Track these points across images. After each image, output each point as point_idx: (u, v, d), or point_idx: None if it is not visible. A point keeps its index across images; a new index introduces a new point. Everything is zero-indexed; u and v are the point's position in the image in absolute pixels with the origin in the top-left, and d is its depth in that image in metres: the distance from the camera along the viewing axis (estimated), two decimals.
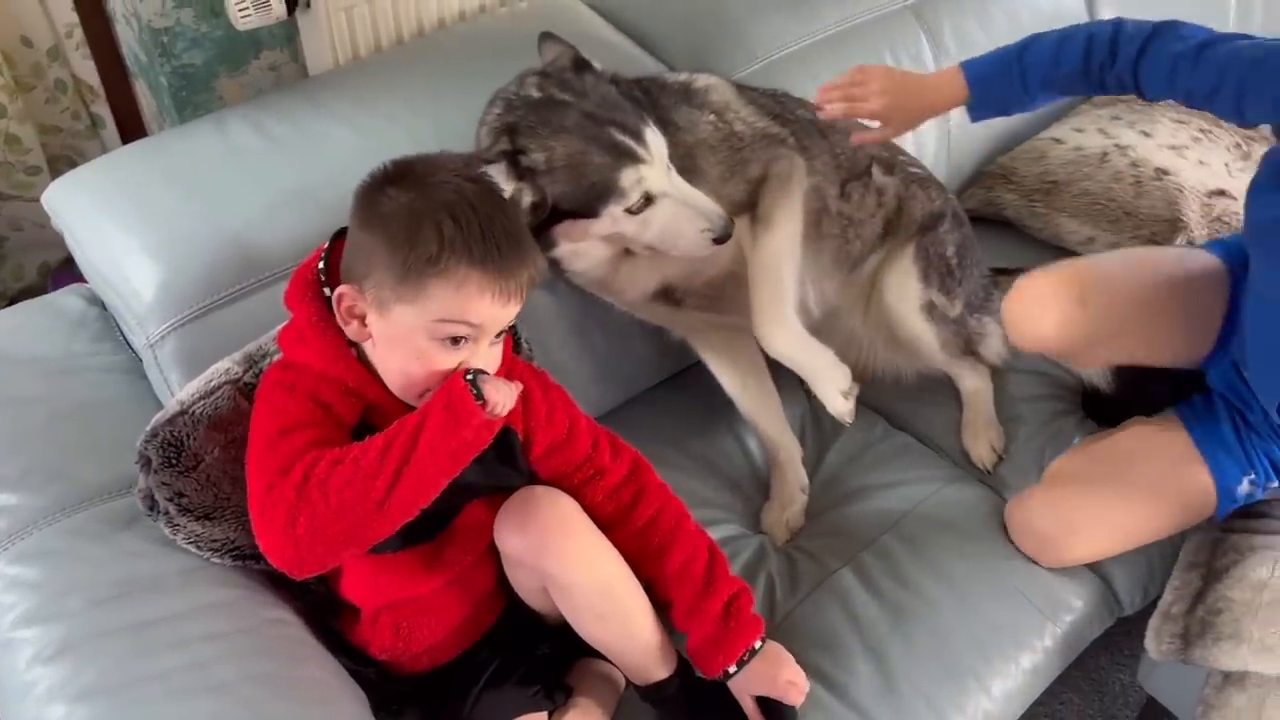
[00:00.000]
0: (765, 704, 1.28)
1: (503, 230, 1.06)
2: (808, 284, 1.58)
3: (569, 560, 1.19)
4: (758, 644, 1.27)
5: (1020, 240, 2.06)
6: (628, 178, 1.30)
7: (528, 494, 1.21)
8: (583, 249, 1.37)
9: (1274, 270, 1.33)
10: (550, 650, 1.30)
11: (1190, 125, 2.10)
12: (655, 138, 1.34)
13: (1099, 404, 1.72)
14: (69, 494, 1.22)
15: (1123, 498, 1.50)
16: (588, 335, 1.61)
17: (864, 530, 1.56)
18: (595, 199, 1.30)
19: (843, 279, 1.66)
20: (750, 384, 1.64)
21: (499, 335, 1.12)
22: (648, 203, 1.32)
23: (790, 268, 1.48)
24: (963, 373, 1.74)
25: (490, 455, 1.09)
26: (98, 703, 1.04)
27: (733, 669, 1.26)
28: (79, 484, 1.23)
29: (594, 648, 1.27)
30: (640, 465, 1.30)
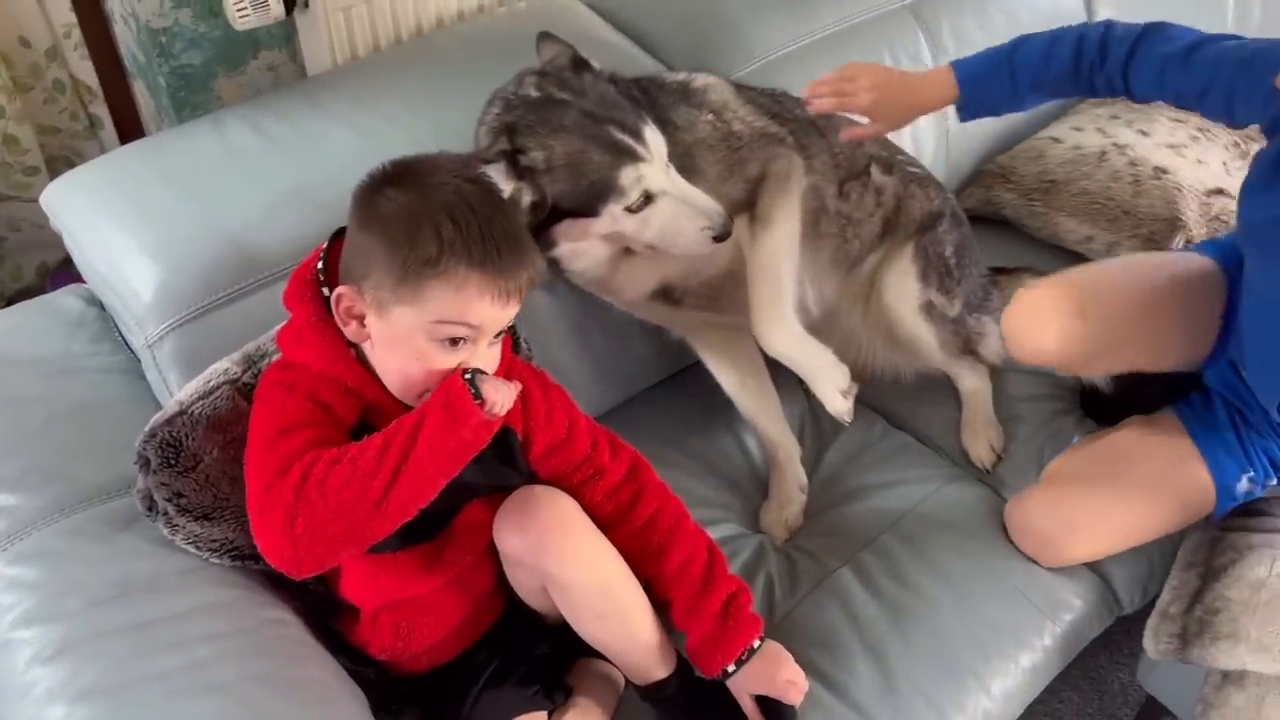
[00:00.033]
0: (764, 703, 1.28)
1: (502, 231, 1.06)
2: (806, 283, 1.58)
3: (568, 560, 1.19)
4: (757, 643, 1.27)
5: (1019, 239, 2.06)
6: (627, 176, 1.30)
7: (527, 494, 1.21)
8: (583, 248, 1.37)
9: (1268, 269, 1.33)
10: (550, 650, 1.30)
11: (1188, 124, 2.10)
12: (654, 136, 1.33)
13: (1098, 403, 1.72)
14: (68, 494, 1.22)
15: (1122, 497, 1.50)
16: (587, 335, 1.61)
17: (863, 529, 1.56)
18: (595, 198, 1.30)
19: (841, 278, 1.66)
20: (749, 383, 1.64)
21: (498, 335, 1.12)
22: (647, 201, 1.32)
23: (789, 267, 1.47)
24: (962, 372, 1.74)
25: (489, 455, 1.09)
26: (97, 703, 1.04)
27: (732, 668, 1.26)
28: (78, 484, 1.23)
29: (593, 647, 1.27)
30: (639, 465, 1.30)
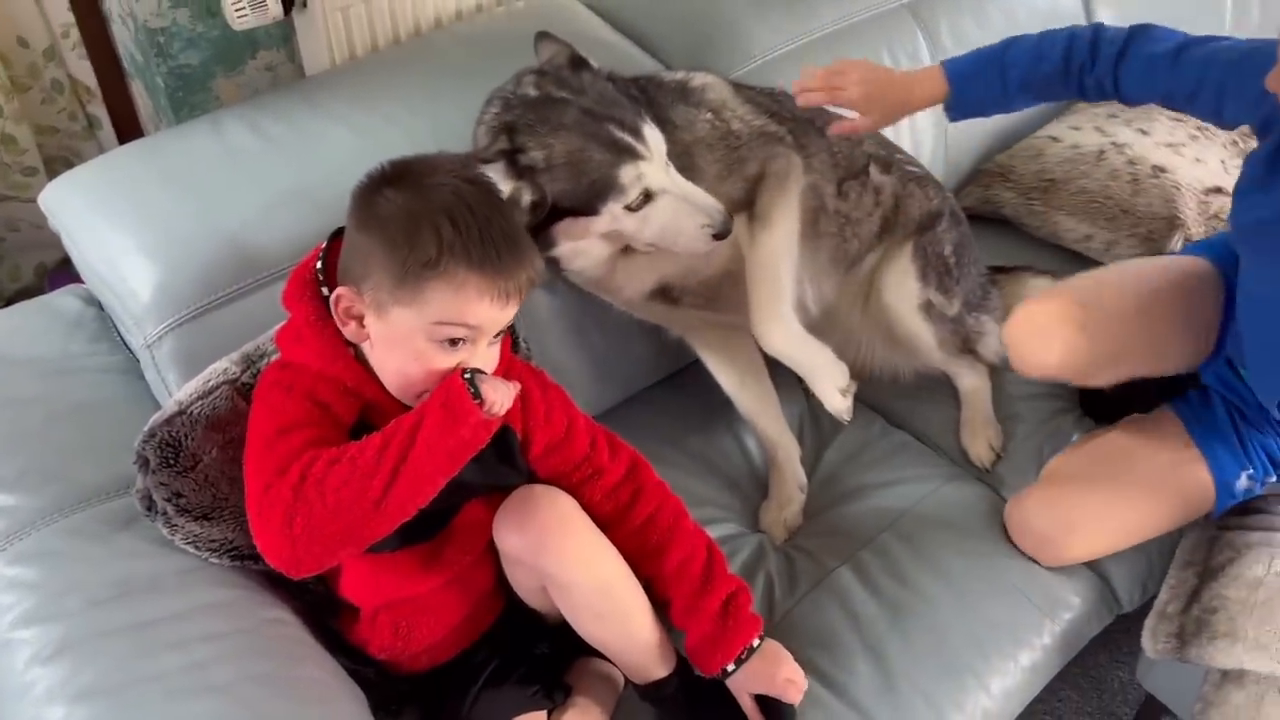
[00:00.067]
0: (764, 702, 1.28)
1: (501, 232, 1.06)
2: (805, 282, 1.58)
3: (568, 559, 1.19)
4: (756, 642, 1.27)
5: (1018, 238, 2.06)
6: (627, 174, 1.30)
7: (526, 493, 1.21)
8: (583, 247, 1.37)
9: (1263, 268, 1.34)
10: (549, 649, 1.30)
11: (1187, 123, 2.11)
12: (654, 134, 1.33)
13: (1097, 402, 1.72)
14: (67, 494, 1.21)
15: (1121, 495, 1.51)
16: (586, 334, 1.61)
17: (862, 529, 1.56)
18: (595, 196, 1.30)
19: (840, 277, 1.66)
20: (748, 382, 1.64)
21: (497, 335, 1.12)
22: (647, 199, 1.32)
23: (788, 266, 1.47)
24: (961, 371, 1.74)
25: (489, 454, 1.08)
26: (96, 703, 1.04)
27: (731, 667, 1.26)
28: (77, 484, 1.23)
29: (593, 647, 1.27)
30: (638, 464, 1.30)
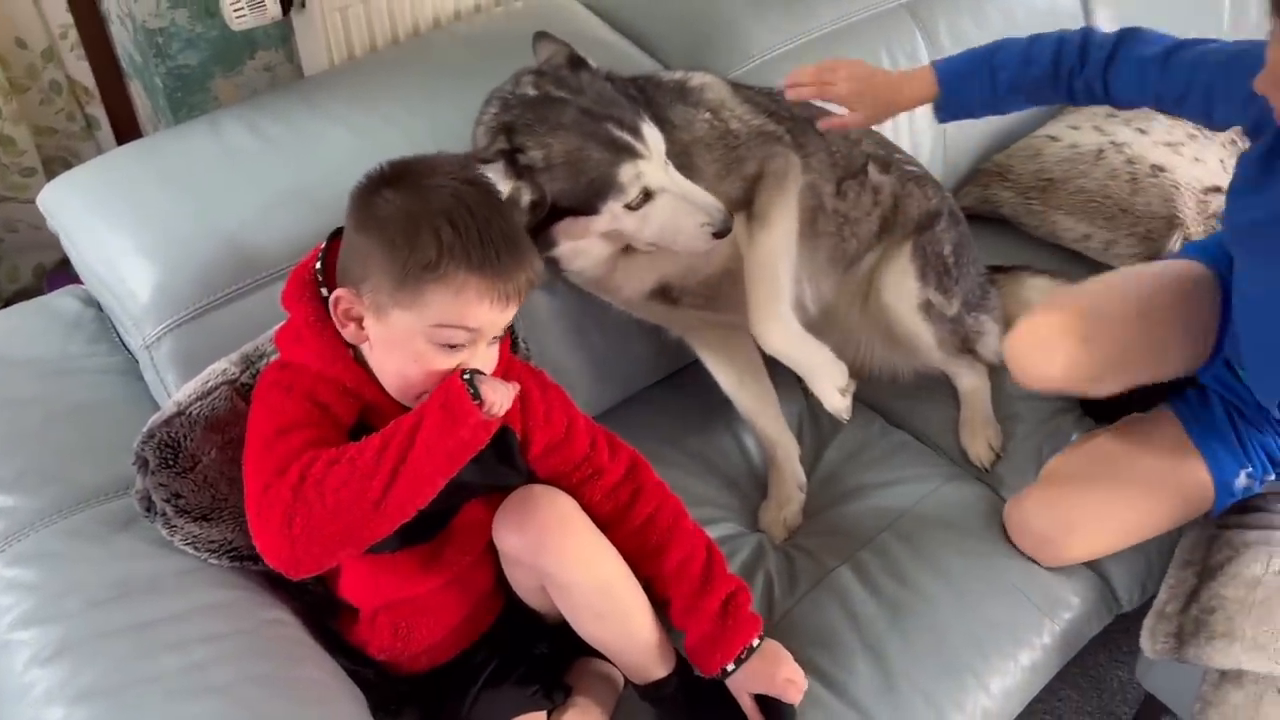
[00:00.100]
0: (764, 702, 1.28)
1: (500, 234, 1.06)
2: (804, 281, 1.58)
3: (567, 559, 1.19)
4: (756, 642, 1.27)
5: (1016, 238, 2.06)
6: (626, 173, 1.30)
7: (526, 493, 1.21)
8: (583, 247, 1.36)
9: (1258, 269, 1.34)
10: (549, 649, 1.30)
11: (1185, 122, 2.10)
12: (653, 133, 1.33)
13: (1096, 402, 1.72)
14: (66, 495, 1.21)
15: (1120, 496, 1.50)
16: (585, 334, 1.61)
17: (862, 528, 1.55)
18: (594, 195, 1.30)
19: (839, 277, 1.66)
20: (748, 382, 1.64)
21: (496, 336, 1.12)
22: (647, 198, 1.32)
23: (786, 265, 1.47)
24: (960, 371, 1.74)
25: (488, 455, 1.08)
26: (96, 704, 1.04)
27: (731, 667, 1.26)
28: (76, 485, 1.22)
29: (593, 647, 1.27)
30: (638, 464, 1.30)
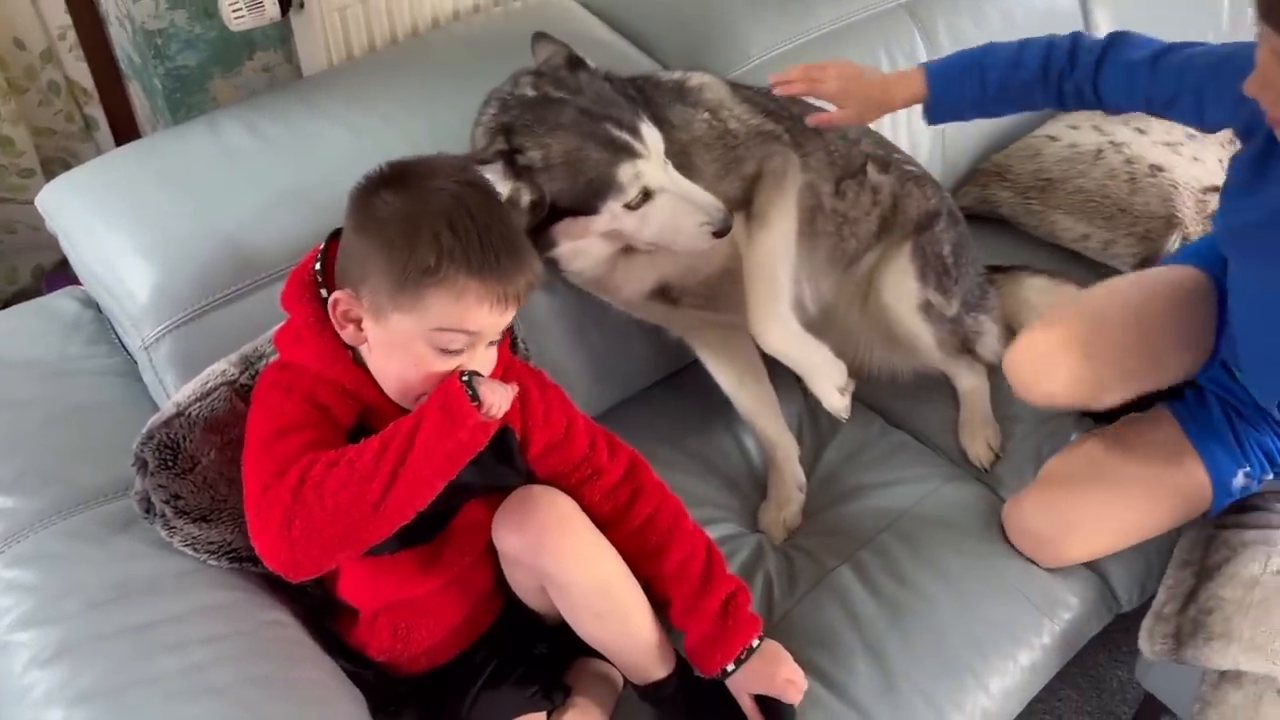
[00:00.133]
0: (764, 702, 1.28)
1: (500, 238, 1.06)
2: (803, 281, 1.58)
3: (567, 559, 1.19)
4: (755, 642, 1.27)
5: (1015, 238, 2.06)
6: (625, 173, 1.30)
7: (525, 493, 1.21)
8: (583, 247, 1.36)
9: (1254, 271, 1.34)
10: (548, 650, 1.30)
11: None
12: (651, 133, 1.33)
13: None
14: (65, 497, 1.21)
15: (1118, 496, 1.50)
16: (585, 334, 1.61)
17: (861, 529, 1.55)
18: (594, 195, 1.30)
19: (838, 276, 1.66)
20: (747, 382, 1.64)
21: (495, 339, 1.12)
22: (646, 198, 1.32)
23: (785, 264, 1.47)
24: (960, 372, 1.74)
25: (488, 455, 1.08)
26: (95, 705, 1.03)
27: (731, 667, 1.26)
28: (75, 487, 1.22)
29: (592, 647, 1.27)
30: (637, 464, 1.30)
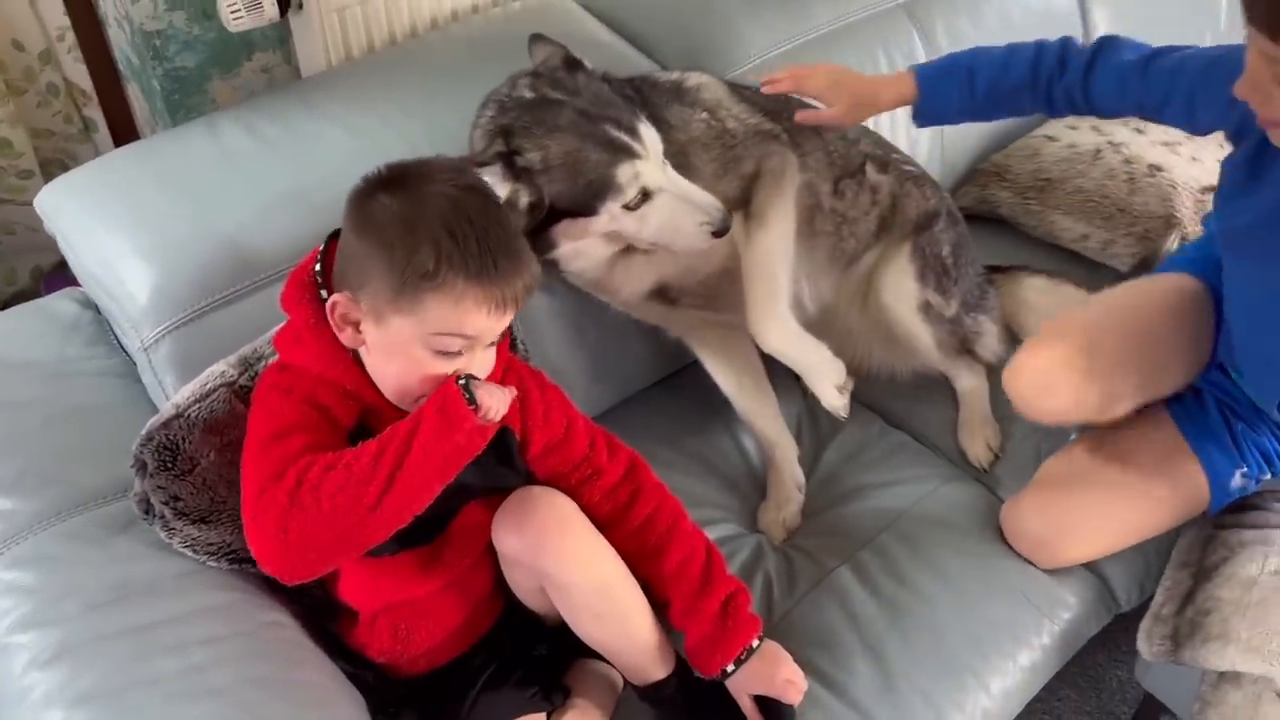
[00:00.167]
0: (764, 703, 1.28)
1: (498, 242, 1.05)
2: (802, 280, 1.58)
3: (566, 559, 1.19)
4: (755, 643, 1.27)
5: (1014, 238, 2.06)
6: (624, 173, 1.30)
7: (525, 494, 1.21)
8: (583, 248, 1.36)
9: (1253, 273, 1.33)
10: (548, 651, 1.30)
11: None
12: (650, 133, 1.33)
13: None
14: (64, 498, 1.21)
15: (1115, 498, 1.50)
16: (584, 335, 1.61)
17: (861, 529, 1.55)
18: (593, 196, 1.30)
19: (838, 276, 1.66)
20: (746, 383, 1.64)
21: (494, 340, 1.12)
22: (645, 198, 1.32)
23: (784, 263, 1.47)
24: (959, 372, 1.74)
25: (488, 456, 1.08)
26: (95, 707, 1.03)
27: (730, 668, 1.26)
28: (74, 488, 1.22)
29: (592, 648, 1.27)
30: (637, 465, 1.30)
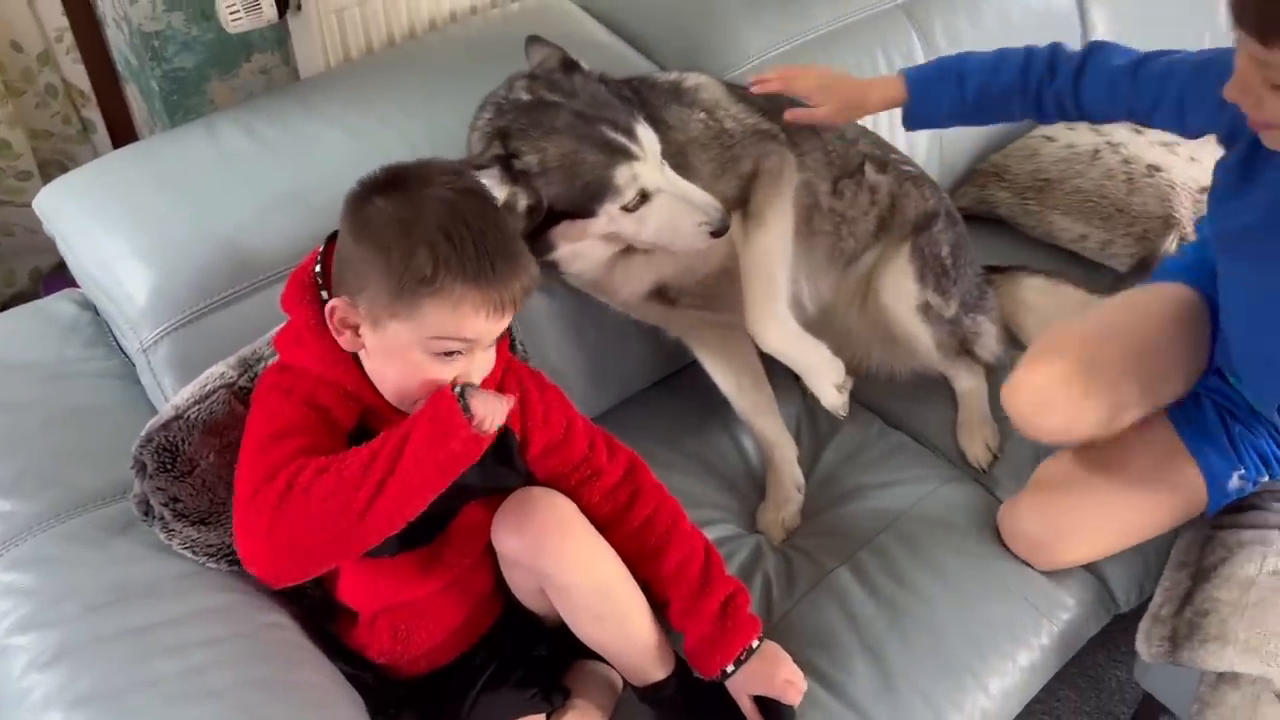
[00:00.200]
0: (763, 703, 1.28)
1: (495, 244, 1.05)
2: (801, 280, 1.58)
3: (566, 560, 1.19)
4: (755, 643, 1.27)
5: (1013, 238, 2.06)
6: (622, 175, 1.30)
7: (525, 495, 1.21)
8: (582, 249, 1.36)
9: (1250, 275, 1.33)
10: (548, 652, 1.30)
11: None
12: (647, 134, 1.33)
13: None
14: (63, 499, 1.21)
15: (1113, 500, 1.49)
16: (583, 336, 1.61)
17: (860, 529, 1.55)
18: (591, 198, 1.30)
19: (837, 275, 1.66)
20: (745, 383, 1.64)
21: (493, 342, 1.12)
22: (643, 199, 1.32)
23: (782, 263, 1.47)
24: (958, 373, 1.74)
25: (488, 457, 1.08)
26: (94, 708, 1.03)
27: (730, 668, 1.26)
28: (73, 489, 1.22)
29: (592, 649, 1.27)
30: (636, 465, 1.30)
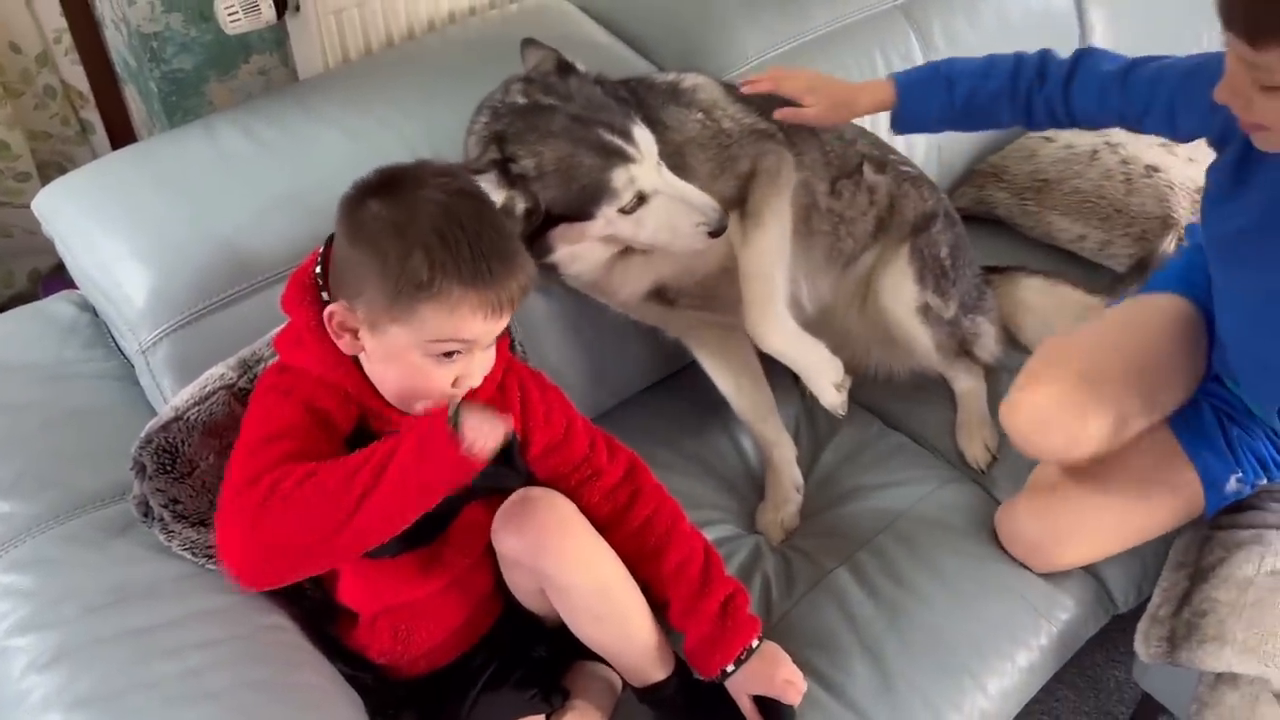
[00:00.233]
0: (763, 704, 1.28)
1: (492, 246, 1.05)
2: (800, 280, 1.58)
3: (566, 561, 1.19)
4: (754, 643, 1.27)
5: (1012, 238, 2.06)
6: (619, 177, 1.30)
7: (525, 495, 1.21)
8: (581, 251, 1.37)
9: (1247, 278, 1.33)
10: (547, 653, 1.30)
11: None
12: (644, 135, 1.33)
13: None
14: (63, 501, 1.21)
15: (1110, 502, 1.49)
16: (582, 337, 1.61)
17: (859, 530, 1.55)
18: (588, 201, 1.30)
19: (836, 276, 1.66)
20: (744, 384, 1.64)
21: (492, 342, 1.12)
22: (641, 201, 1.32)
23: (781, 263, 1.47)
24: (957, 374, 1.74)
25: None
26: (93, 710, 1.03)
27: (730, 668, 1.26)
28: (73, 491, 1.22)
29: (591, 650, 1.27)
30: (636, 466, 1.31)
